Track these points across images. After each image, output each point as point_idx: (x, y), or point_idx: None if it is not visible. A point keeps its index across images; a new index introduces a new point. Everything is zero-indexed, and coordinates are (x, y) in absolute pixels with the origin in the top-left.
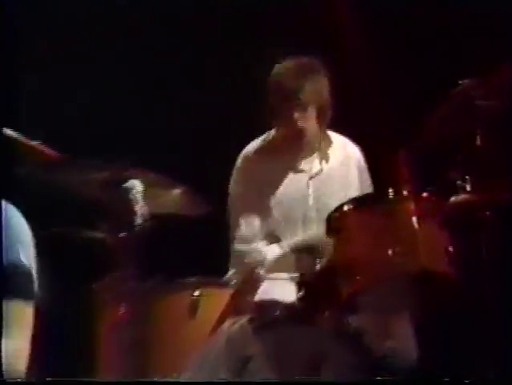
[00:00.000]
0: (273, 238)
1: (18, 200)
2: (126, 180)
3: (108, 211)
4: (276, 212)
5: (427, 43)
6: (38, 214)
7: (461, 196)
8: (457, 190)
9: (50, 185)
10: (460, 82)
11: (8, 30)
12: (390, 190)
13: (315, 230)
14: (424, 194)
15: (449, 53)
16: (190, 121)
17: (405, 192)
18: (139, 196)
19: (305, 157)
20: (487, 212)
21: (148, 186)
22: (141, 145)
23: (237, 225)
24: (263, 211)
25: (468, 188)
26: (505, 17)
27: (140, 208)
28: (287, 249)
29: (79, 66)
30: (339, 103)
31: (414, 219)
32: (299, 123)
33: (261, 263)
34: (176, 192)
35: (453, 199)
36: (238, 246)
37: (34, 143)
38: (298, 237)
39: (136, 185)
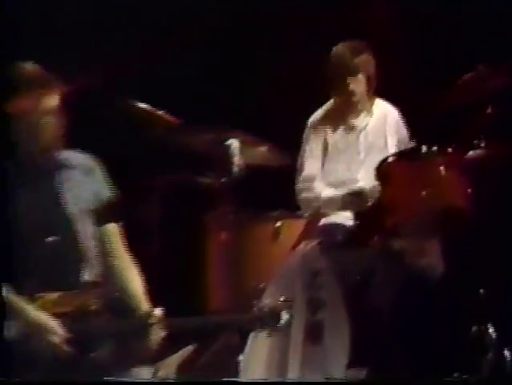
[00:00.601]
0: (331, 183)
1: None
2: (227, 140)
3: (214, 163)
4: (333, 159)
5: (452, 32)
6: (167, 166)
7: (477, 151)
8: (474, 147)
9: (173, 144)
10: (477, 66)
11: None
12: (423, 148)
13: (363, 174)
14: (449, 149)
15: (469, 40)
16: (277, 95)
17: (435, 148)
18: (236, 152)
19: (355, 117)
20: (496, 163)
21: (242, 144)
22: (238, 113)
23: (302, 168)
24: (324, 159)
25: (482, 145)
26: None
27: (237, 160)
28: (340, 193)
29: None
30: (383, 78)
31: (442, 168)
32: (351, 87)
33: (317, 199)
34: (264, 148)
35: (470, 153)
36: (300, 184)
37: (160, 112)
38: (350, 184)
39: (234, 143)
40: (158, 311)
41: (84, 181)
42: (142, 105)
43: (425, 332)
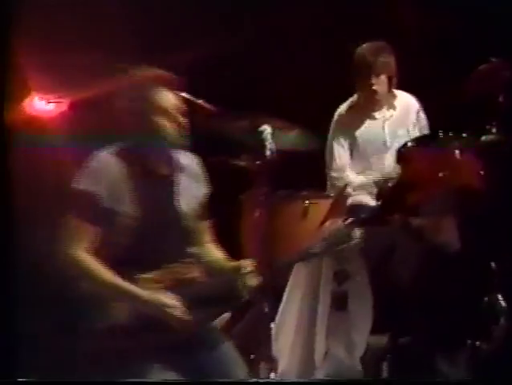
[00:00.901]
0: (359, 170)
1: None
2: (260, 125)
3: (249, 146)
4: (361, 149)
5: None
6: (208, 150)
7: (489, 136)
8: (486, 132)
9: (211, 131)
10: (491, 59)
11: None
12: (440, 133)
13: (390, 161)
14: (464, 134)
15: (484, 36)
16: (306, 85)
17: (450, 134)
18: (269, 136)
19: (378, 110)
20: (507, 147)
21: (275, 129)
22: (271, 102)
23: (333, 159)
24: (351, 149)
25: (494, 130)
26: None
27: (270, 144)
28: (370, 180)
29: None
30: (404, 71)
31: (457, 152)
32: (374, 87)
33: (349, 185)
34: (294, 133)
35: (483, 138)
36: (333, 173)
37: (199, 101)
38: (378, 171)
39: (267, 129)
40: (247, 261)
41: (193, 183)
42: (183, 94)
43: (442, 302)
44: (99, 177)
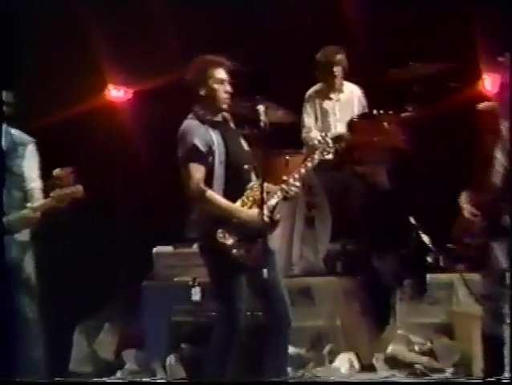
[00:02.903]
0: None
1: None
2: (257, 106)
3: (250, 120)
4: (321, 118)
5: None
6: None
7: (407, 114)
8: (405, 111)
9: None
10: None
11: None
12: (374, 111)
13: (339, 127)
14: (390, 112)
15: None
16: (289, 80)
17: (381, 112)
18: (263, 114)
19: (333, 93)
20: (421, 122)
21: (267, 109)
22: (265, 90)
23: (303, 123)
24: (315, 117)
25: (410, 109)
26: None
27: (264, 118)
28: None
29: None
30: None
31: (386, 124)
32: (335, 74)
33: (312, 139)
34: (281, 112)
35: (403, 115)
36: (304, 133)
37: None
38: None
39: (262, 108)
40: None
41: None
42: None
43: (376, 222)
44: (193, 134)
